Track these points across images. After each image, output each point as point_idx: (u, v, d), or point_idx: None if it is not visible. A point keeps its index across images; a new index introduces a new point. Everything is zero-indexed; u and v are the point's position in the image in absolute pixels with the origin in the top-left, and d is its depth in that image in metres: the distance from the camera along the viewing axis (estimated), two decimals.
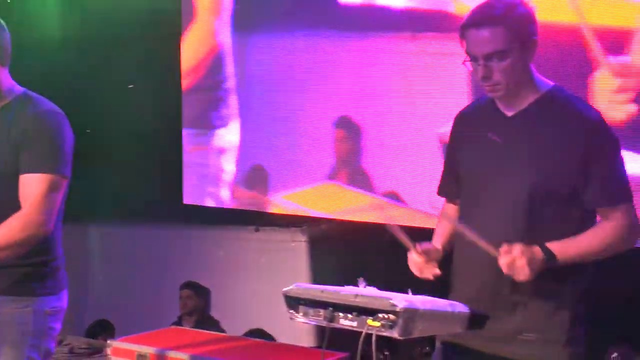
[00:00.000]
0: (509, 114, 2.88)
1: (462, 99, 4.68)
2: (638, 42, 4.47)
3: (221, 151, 6.10)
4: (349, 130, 5.56)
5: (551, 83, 2.90)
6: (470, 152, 2.96)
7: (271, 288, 6.24)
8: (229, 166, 6.06)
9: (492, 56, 2.76)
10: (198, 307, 6.67)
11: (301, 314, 2.69)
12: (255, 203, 5.96)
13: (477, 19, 2.78)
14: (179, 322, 6.58)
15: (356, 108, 5.52)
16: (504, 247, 2.71)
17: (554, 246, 2.74)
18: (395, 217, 5.26)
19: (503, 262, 2.70)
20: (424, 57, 5.17)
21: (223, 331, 6.07)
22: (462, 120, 3.07)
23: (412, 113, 5.25)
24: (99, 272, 7.37)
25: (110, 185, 6.65)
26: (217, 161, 6.11)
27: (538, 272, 2.71)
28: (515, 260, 2.69)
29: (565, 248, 2.75)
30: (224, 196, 6.08)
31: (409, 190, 5.33)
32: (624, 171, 2.83)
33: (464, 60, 2.84)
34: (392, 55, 5.31)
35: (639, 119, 4.47)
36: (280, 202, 5.83)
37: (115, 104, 6.70)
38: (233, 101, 6.06)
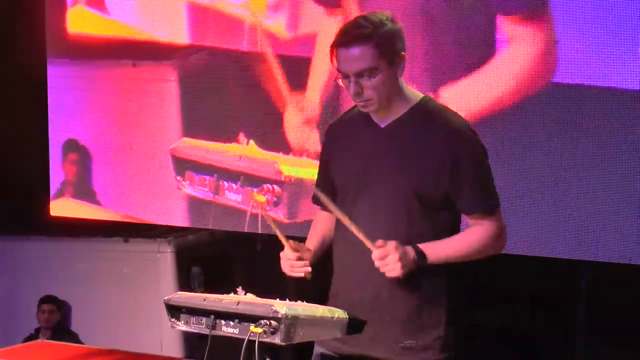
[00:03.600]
0: (382, 125, 2.96)
1: (174, 118, 5.43)
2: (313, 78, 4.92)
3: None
4: (76, 150, 5.97)
5: (421, 94, 3.00)
6: (344, 162, 3.03)
7: (134, 299, 6.25)
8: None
9: (363, 73, 2.84)
10: (58, 321, 6.58)
11: (182, 322, 2.72)
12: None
13: (346, 38, 2.85)
14: (35, 336, 6.46)
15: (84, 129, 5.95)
16: (379, 242, 2.79)
17: (425, 246, 2.85)
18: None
19: (376, 254, 2.79)
20: (142, 83, 5.64)
21: (82, 343, 5.99)
22: (335, 131, 3.13)
23: (141, 132, 5.68)
24: None
25: None
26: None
27: (408, 271, 2.80)
28: (388, 254, 2.77)
29: (435, 249, 2.86)
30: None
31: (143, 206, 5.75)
32: (492, 179, 2.96)
33: (336, 78, 2.91)
34: (113, 81, 5.76)
35: None
36: None
37: None
38: None
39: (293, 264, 2.97)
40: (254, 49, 5.15)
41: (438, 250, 2.87)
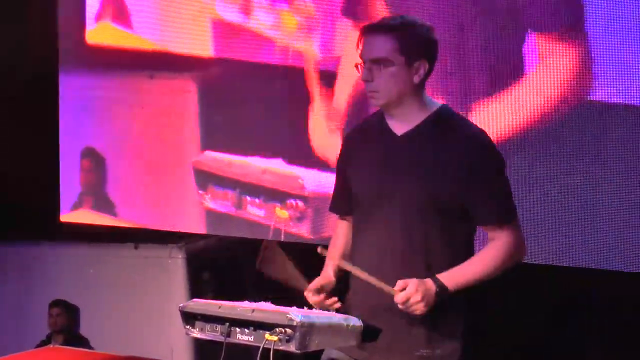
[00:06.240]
0: (399, 132, 2.94)
1: (193, 129, 5.41)
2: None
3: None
4: (95, 160, 5.95)
5: (440, 103, 2.99)
6: (361, 170, 3.01)
7: (146, 305, 6.25)
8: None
9: (378, 62, 2.86)
10: (67, 325, 6.59)
11: (197, 329, 2.71)
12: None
13: (374, 26, 2.92)
14: (47, 341, 6.47)
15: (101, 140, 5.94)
16: (400, 284, 2.77)
17: (446, 277, 2.81)
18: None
19: (399, 299, 2.77)
20: (159, 95, 5.63)
21: (92, 349, 6.00)
22: (353, 138, 3.12)
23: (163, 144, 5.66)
24: None
25: None
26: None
27: (432, 306, 2.78)
28: (410, 297, 2.76)
29: (456, 278, 2.83)
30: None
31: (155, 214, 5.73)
32: (509, 189, 2.94)
33: (356, 64, 2.93)
34: (133, 93, 5.73)
35: None
36: None
37: None
38: None
39: (322, 305, 2.92)
40: (281, 63, 5.09)
41: (458, 278, 2.83)
